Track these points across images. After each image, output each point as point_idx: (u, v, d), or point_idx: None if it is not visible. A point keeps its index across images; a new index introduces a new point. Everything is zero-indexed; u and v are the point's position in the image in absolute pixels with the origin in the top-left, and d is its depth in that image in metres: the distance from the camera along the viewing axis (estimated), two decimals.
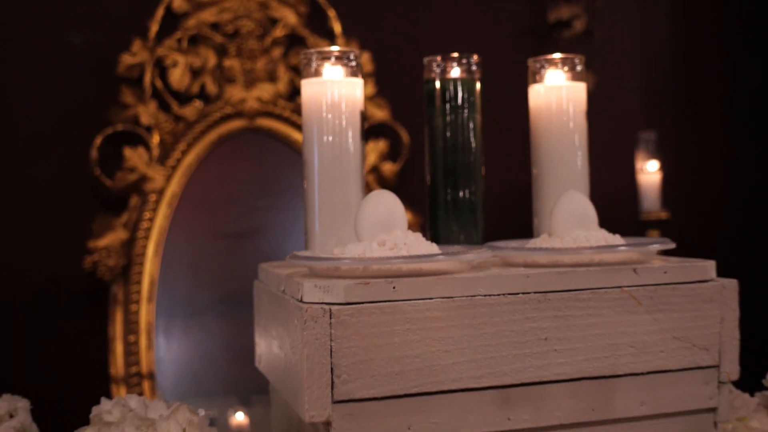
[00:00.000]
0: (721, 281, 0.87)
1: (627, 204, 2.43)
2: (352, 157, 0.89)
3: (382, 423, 0.76)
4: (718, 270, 0.89)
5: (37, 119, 2.19)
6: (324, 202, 0.90)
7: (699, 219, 2.58)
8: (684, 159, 2.59)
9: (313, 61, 0.90)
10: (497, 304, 0.79)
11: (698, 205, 2.59)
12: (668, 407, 0.84)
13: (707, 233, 2.55)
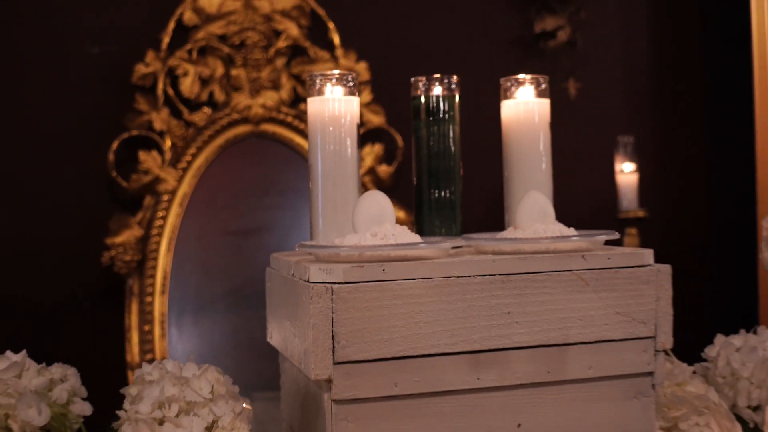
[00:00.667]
0: (657, 266, 1.04)
1: (607, 203, 2.59)
2: (350, 163, 1.07)
3: (373, 380, 0.93)
4: (693, 261, 1.05)
5: (57, 125, 2.36)
6: (326, 201, 1.07)
7: (674, 217, 2.74)
8: (660, 161, 2.76)
9: (317, 82, 1.08)
10: (468, 284, 0.96)
11: (673, 204, 2.76)
12: (612, 371, 1.01)
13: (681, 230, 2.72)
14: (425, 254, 0.97)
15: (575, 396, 1.01)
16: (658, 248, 2.69)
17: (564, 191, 2.69)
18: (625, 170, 2.56)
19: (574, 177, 2.71)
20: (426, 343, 0.95)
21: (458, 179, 1.15)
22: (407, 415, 0.95)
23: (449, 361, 0.96)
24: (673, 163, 2.79)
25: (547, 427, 1.00)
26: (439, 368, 0.95)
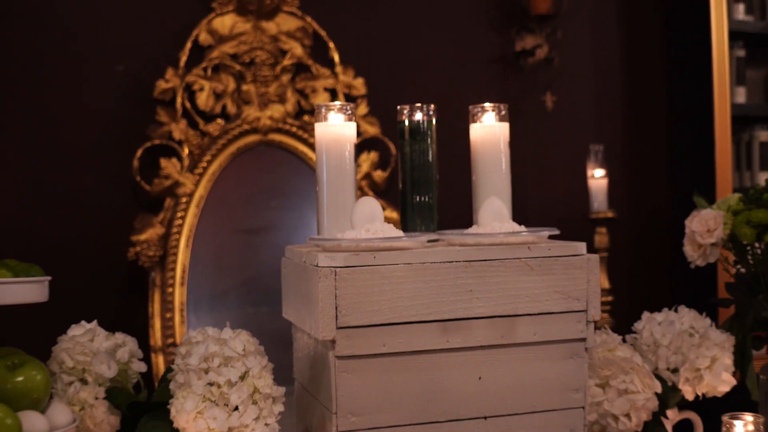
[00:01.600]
0: (588, 255, 1.34)
1: (579, 204, 2.89)
2: (348, 174, 1.36)
3: (366, 341, 1.23)
4: (657, 255, 1.31)
5: (88, 135, 2.65)
6: (329, 204, 1.37)
7: (639, 217, 3.05)
8: (627, 167, 3.06)
9: (323, 111, 1.37)
10: (440, 268, 1.26)
11: (639, 205, 3.05)
12: (552, 337, 1.31)
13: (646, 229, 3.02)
14: (407, 245, 1.27)
15: (523, 356, 1.31)
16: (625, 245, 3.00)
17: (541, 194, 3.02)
18: (596, 175, 2.85)
19: (551, 181, 3.01)
20: (407, 313, 1.24)
21: (435, 187, 1.45)
22: (392, 368, 1.25)
23: (425, 328, 1.26)
24: (640, 169, 3.09)
25: (501, 380, 1.30)
26: (416, 333, 1.25)
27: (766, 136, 3.13)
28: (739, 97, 3.08)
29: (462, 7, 2.97)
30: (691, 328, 1.49)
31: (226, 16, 2.74)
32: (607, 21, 3.12)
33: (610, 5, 3.13)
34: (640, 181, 3.09)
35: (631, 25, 3.15)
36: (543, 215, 2.95)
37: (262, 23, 2.76)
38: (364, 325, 1.23)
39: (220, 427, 1.18)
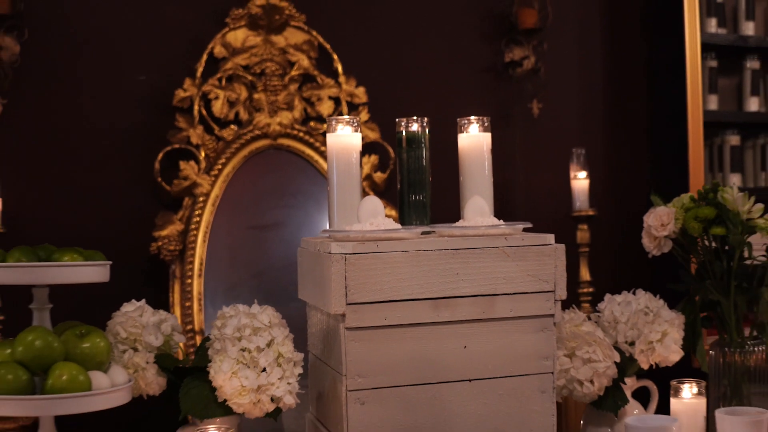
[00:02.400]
0: (555, 245, 1.61)
1: (563, 203, 3.15)
2: (354, 177, 1.63)
3: (371, 315, 1.50)
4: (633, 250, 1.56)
5: (113, 139, 2.92)
6: (339, 202, 1.63)
7: (618, 215, 3.32)
8: (608, 169, 3.33)
9: (333, 123, 1.64)
10: (432, 255, 1.52)
11: (617, 204, 3.33)
12: (525, 313, 1.58)
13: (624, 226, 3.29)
14: (404, 236, 1.54)
15: (501, 329, 1.58)
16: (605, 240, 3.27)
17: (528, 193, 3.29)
18: (578, 177, 3.12)
19: (536, 181, 3.28)
20: (404, 292, 1.51)
21: (428, 187, 1.71)
22: (392, 338, 1.52)
23: (419, 304, 1.53)
24: (619, 170, 3.36)
25: (483, 348, 1.57)
26: (412, 308, 1.52)
27: (736, 140, 3.40)
28: (712, 104, 3.35)
29: (455, 21, 3.24)
30: (646, 307, 1.76)
31: (239, 31, 3.01)
32: (589, 35, 3.39)
33: (593, 20, 3.40)
34: (620, 181, 3.36)
35: (611, 38, 3.42)
36: (529, 212, 3.22)
37: (271, 37, 3.02)
38: (368, 301, 1.50)
39: (251, 385, 1.45)
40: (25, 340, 1.38)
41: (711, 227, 1.78)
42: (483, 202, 1.63)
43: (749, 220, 1.76)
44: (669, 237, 1.84)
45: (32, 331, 1.40)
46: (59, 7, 2.89)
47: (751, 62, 3.43)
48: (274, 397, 1.47)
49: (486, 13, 3.26)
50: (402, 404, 1.53)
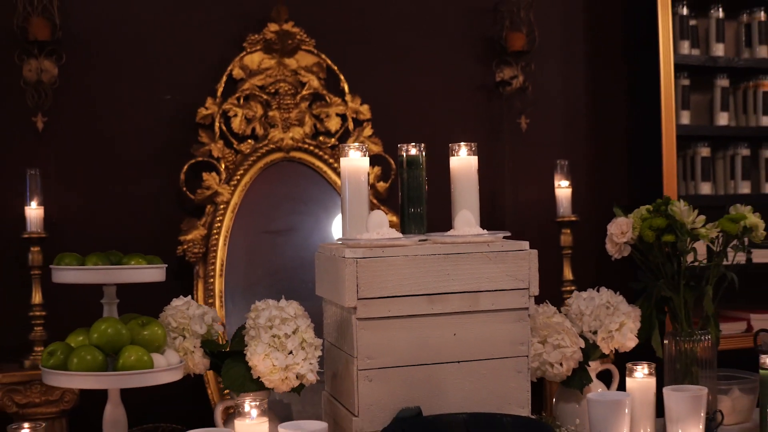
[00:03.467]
0: (529, 250, 1.95)
1: (548, 210, 3.50)
2: (363, 194, 1.98)
3: (377, 308, 1.85)
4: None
5: (143, 152, 3.27)
6: (351, 214, 1.99)
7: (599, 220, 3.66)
8: (588, 179, 3.69)
9: (346, 149, 1.99)
10: (427, 259, 1.87)
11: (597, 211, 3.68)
12: (505, 306, 1.93)
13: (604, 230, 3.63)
14: (404, 243, 1.89)
15: (485, 319, 1.93)
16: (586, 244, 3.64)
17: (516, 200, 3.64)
18: (562, 185, 3.47)
19: (524, 190, 3.64)
20: (404, 289, 1.86)
21: (424, 202, 2.06)
22: (395, 326, 1.87)
23: (416, 299, 1.88)
24: (599, 180, 3.71)
25: (469, 335, 1.92)
26: (410, 302, 1.87)
27: (707, 152, 3.75)
28: (684, 119, 3.70)
29: (451, 44, 3.59)
30: (607, 302, 2.11)
31: (255, 54, 3.36)
32: (573, 56, 3.75)
33: (576, 43, 3.75)
34: (600, 190, 3.71)
35: (593, 59, 3.78)
36: (518, 218, 3.57)
37: (284, 60, 3.37)
38: (376, 297, 1.85)
39: (281, 365, 1.80)
40: (99, 328, 1.74)
41: (663, 235, 2.13)
42: (470, 215, 1.98)
43: (693, 229, 2.11)
44: (628, 243, 2.19)
45: (105, 321, 1.75)
46: (93, 35, 3.24)
47: (720, 80, 3.78)
48: (298, 374, 1.82)
49: (478, 36, 3.61)
50: (403, 381, 1.89)
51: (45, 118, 3.17)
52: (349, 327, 1.87)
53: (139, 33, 3.29)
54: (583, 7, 3.79)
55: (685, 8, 3.69)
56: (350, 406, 1.89)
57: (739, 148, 3.80)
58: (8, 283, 3.15)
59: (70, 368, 1.69)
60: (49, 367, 1.72)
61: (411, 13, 3.57)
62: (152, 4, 3.30)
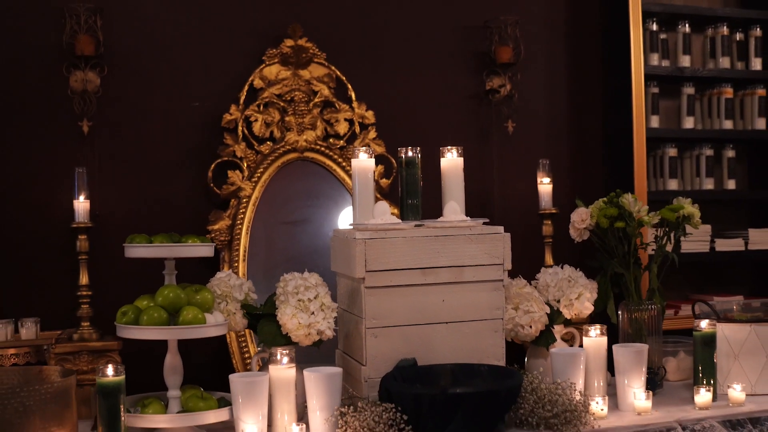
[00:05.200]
0: (504, 234, 2.46)
1: (532, 203, 3.99)
2: (370, 188, 2.49)
3: (382, 278, 2.35)
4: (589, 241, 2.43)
5: (175, 153, 3.76)
6: (360, 204, 2.49)
7: None
8: (568, 176, 4.19)
9: (356, 151, 2.50)
10: (421, 240, 2.38)
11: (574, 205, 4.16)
12: (484, 278, 2.43)
13: None
14: (403, 227, 2.40)
15: (468, 288, 2.44)
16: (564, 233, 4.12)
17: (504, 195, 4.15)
18: (543, 182, 3.97)
19: (511, 186, 4.14)
20: (402, 264, 2.37)
21: (419, 195, 2.57)
22: (395, 294, 2.38)
23: (412, 272, 2.39)
24: (577, 177, 4.22)
25: (455, 302, 2.43)
26: (407, 274, 2.38)
27: (674, 152, 4.25)
28: (654, 123, 4.20)
29: (446, 57, 4.09)
30: (569, 276, 2.62)
31: (273, 66, 3.86)
32: (554, 67, 4.25)
33: (557, 56, 4.26)
34: (578, 185, 4.21)
35: (572, 70, 4.28)
36: (505, 210, 4.07)
37: (299, 71, 3.87)
38: (380, 270, 2.36)
39: (305, 323, 2.31)
40: (163, 293, 2.25)
41: (615, 222, 2.64)
42: (457, 205, 2.49)
43: (640, 217, 2.62)
44: (587, 229, 2.70)
45: (167, 287, 2.26)
46: (131, 50, 3.74)
47: (687, 88, 4.28)
48: (319, 330, 2.33)
49: (471, 50, 4.11)
50: (402, 338, 2.40)
51: (90, 123, 3.66)
52: (358, 294, 2.38)
53: (172, 48, 3.79)
54: (563, 24, 4.29)
55: (654, 24, 4.19)
56: (359, 357, 2.40)
57: (703, 148, 4.29)
58: (58, 267, 3.64)
59: (141, 323, 2.20)
60: (123, 324, 2.23)
61: (411, 30, 4.07)
62: (183, 23, 3.80)
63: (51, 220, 3.59)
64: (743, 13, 4.39)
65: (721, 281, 4.34)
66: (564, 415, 2.24)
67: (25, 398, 1.97)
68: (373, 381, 2.33)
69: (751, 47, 4.38)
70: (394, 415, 2.15)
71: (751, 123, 4.39)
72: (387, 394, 2.22)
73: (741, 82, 4.38)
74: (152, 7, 3.76)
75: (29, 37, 3.62)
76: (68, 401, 2.08)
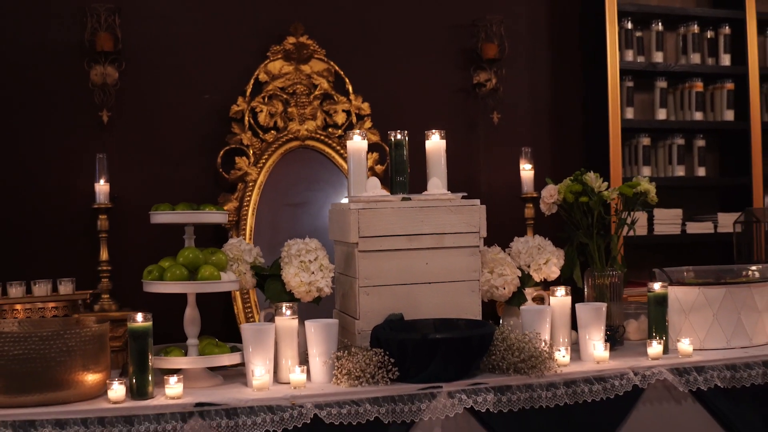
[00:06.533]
0: (480, 206, 2.84)
1: (515, 187, 4.39)
2: (363, 166, 2.88)
3: (373, 243, 2.74)
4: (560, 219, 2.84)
5: (187, 141, 4.17)
6: (354, 180, 2.88)
7: None
8: (548, 162, 4.58)
9: (351, 134, 2.88)
10: (407, 210, 2.77)
11: None
12: (463, 244, 2.82)
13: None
14: (392, 199, 2.79)
15: (448, 253, 2.82)
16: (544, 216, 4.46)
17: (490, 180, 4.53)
18: (526, 168, 4.36)
19: (496, 172, 4.53)
20: (391, 231, 2.76)
21: (407, 173, 2.96)
22: (385, 257, 2.76)
23: (399, 238, 2.77)
24: (556, 164, 4.61)
25: (437, 264, 2.81)
26: (396, 240, 2.77)
27: (647, 142, 4.64)
28: (629, 114, 4.59)
29: (437, 54, 4.49)
30: (538, 244, 3.01)
31: (277, 62, 4.25)
32: (537, 62, 4.64)
33: (540, 52, 4.65)
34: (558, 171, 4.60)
35: (554, 65, 4.67)
36: (491, 194, 4.46)
37: (300, 66, 4.27)
38: (371, 236, 2.74)
39: (306, 281, 2.70)
40: (183, 253, 2.63)
41: (579, 197, 3.02)
42: (439, 181, 2.88)
43: (600, 192, 3.01)
44: (555, 203, 3.09)
45: (187, 249, 2.65)
46: (147, 47, 4.14)
47: (659, 82, 4.67)
48: (318, 288, 2.72)
49: (459, 47, 4.51)
50: (390, 295, 2.78)
51: (109, 113, 4.06)
52: (353, 258, 2.77)
53: (184, 45, 4.19)
54: (545, 23, 4.68)
55: (629, 23, 4.58)
56: (353, 313, 2.78)
57: (675, 138, 4.69)
58: (80, 245, 4.04)
59: (165, 279, 2.59)
60: (149, 281, 2.62)
61: (404, 29, 4.47)
62: (194, 22, 4.20)
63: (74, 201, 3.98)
64: (713, 13, 4.79)
65: (692, 261, 4.72)
66: (530, 360, 2.61)
67: (68, 339, 2.35)
68: (365, 333, 2.70)
69: (720, 44, 4.78)
70: (382, 358, 2.53)
71: (721, 115, 4.78)
72: (377, 340, 2.60)
73: (711, 76, 4.78)
74: (166, 8, 4.16)
75: (53, 35, 4.02)
76: (103, 344, 2.45)
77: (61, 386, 2.36)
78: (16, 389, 2.32)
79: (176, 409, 2.38)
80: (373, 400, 2.49)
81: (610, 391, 2.69)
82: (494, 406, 2.57)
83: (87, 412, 2.34)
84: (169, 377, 2.42)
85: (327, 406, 2.45)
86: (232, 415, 2.39)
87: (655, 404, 2.78)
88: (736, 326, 2.99)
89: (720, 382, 2.81)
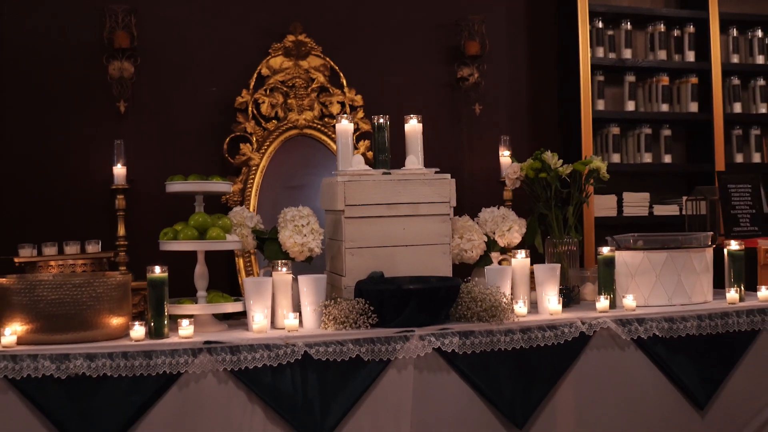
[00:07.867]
0: (450, 179, 3.31)
1: (495, 172, 4.85)
2: (349, 145, 3.34)
3: (357, 211, 3.21)
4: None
5: (196, 129, 4.63)
6: (342, 157, 3.35)
7: None
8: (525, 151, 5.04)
9: (339, 118, 3.35)
10: (387, 183, 3.23)
11: None
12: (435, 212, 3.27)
13: None
14: (374, 173, 3.26)
15: (423, 220, 3.29)
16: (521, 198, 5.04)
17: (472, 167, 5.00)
18: (504, 155, 4.82)
19: (478, 159, 5.00)
20: (373, 201, 3.22)
21: (388, 152, 3.43)
22: (368, 222, 3.23)
23: (380, 206, 3.24)
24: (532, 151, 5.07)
25: (413, 230, 3.28)
26: (378, 208, 3.23)
27: (617, 131, 5.09)
28: (600, 106, 5.05)
29: (424, 50, 4.95)
30: (503, 214, 3.48)
31: (277, 57, 4.73)
32: (515, 58, 5.11)
33: (519, 49, 5.12)
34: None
35: (531, 61, 5.14)
36: (473, 179, 4.93)
37: (299, 62, 4.74)
38: (356, 204, 3.21)
39: (299, 242, 3.17)
40: (194, 217, 3.11)
41: (539, 173, 3.49)
42: (415, 158, 3.35)
43: (557, 168, 3.47)
44: (519, 179, 3.56)
45: (197, 213, 3.13)
46: (160, 44, 4.62)
47: (628, 77, 5.13)
48: (310, 248, 3.19)
49: (444, 44, 4.98)
50: (373, 256, 3.25)
51: (126, 104, 4.53)
52: (340, 223, 3.24)
53: (194, 42, 4.66)
54: (523, 22, 5.15)
55: (600, 22, 5.04)
56: (340, 271, 3.25)
57: (643, 128, 5.14)
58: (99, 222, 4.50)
59: (179, 239, 3.07)
60: (165, 240, 3.09)
61: (394, 27, 4.93)
62: (203, 22, 4.68)
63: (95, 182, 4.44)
64: (679, 13, 5.25)
65: None
66: (491, 310, 3.07)
67: (96, 287, 2.83)
68: (351, 288, 3.17)
69: (685, 42, 5.24)
70: (364, 306, 3.00)
71: (686, 107, 5.23)
72: (359, 292, 3.07)
73: (676, 71, 5.24)
74: (178, 9, 4.64)
75: (74, 34, 4.49)
76: (126, 293, 2.93)
77: (90, 327, 2.84)
78: (52, 328, 2.80)
79: (188, 345, 2.85)
80: (355, 341, 2.96)
81: (560, 337, 3.16)
82: (459, 348, 3.04)
83: (113, 347, 2.81)
84: (182, 320, 2.91)
85: (316, 345, 2.93)
86: (235, 352, 2.86)
87: (602, 350, 3.24)
88: (676, 286, 3.45)
89: (659, 332, 3.27)
